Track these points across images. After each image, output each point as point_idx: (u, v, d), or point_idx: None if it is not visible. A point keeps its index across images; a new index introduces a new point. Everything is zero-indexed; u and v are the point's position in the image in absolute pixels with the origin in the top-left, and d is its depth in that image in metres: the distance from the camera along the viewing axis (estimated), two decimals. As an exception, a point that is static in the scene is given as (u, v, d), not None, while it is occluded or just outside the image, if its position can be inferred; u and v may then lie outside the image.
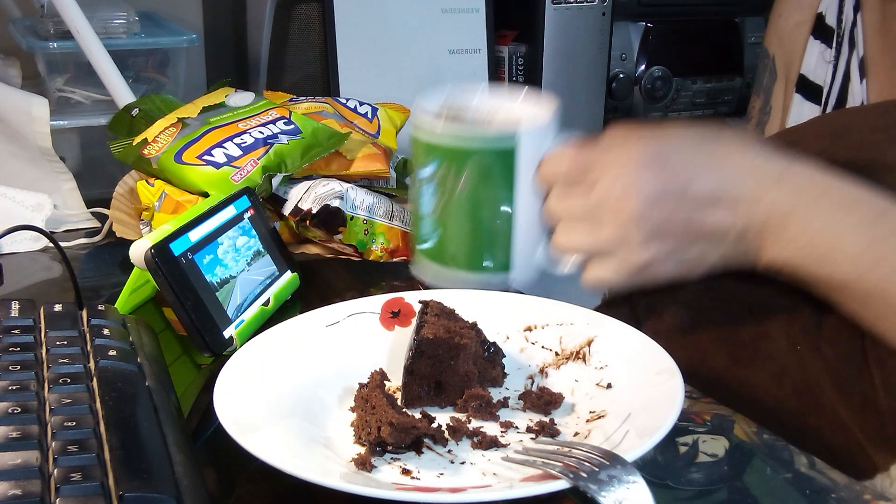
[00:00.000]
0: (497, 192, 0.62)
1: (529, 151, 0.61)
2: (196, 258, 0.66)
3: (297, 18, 1.27)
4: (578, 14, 1.39)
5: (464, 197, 0.62)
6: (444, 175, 0.62)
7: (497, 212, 0.62)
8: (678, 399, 0.51)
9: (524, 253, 0.64)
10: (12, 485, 0.41)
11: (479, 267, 0.64)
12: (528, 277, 0.65)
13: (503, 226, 0.63)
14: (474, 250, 0.64)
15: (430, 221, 0.64)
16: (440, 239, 0.64)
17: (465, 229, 0.63)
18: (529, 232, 0.63)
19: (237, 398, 0.53)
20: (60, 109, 1.08)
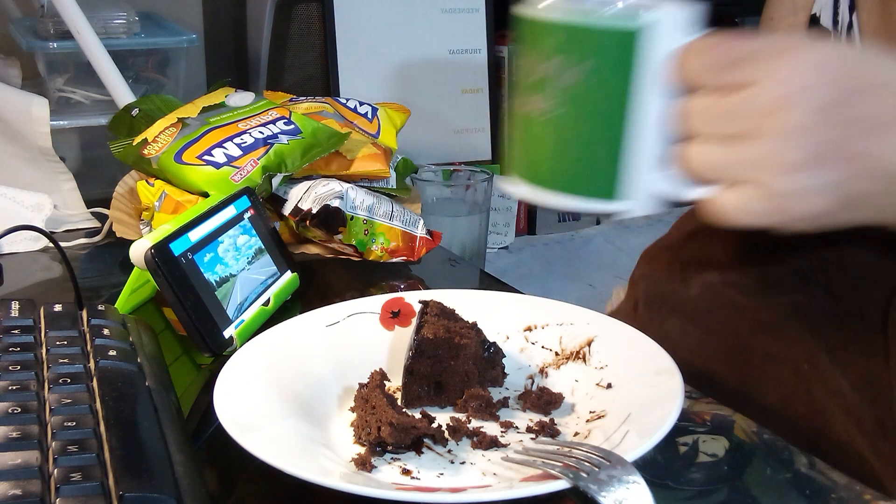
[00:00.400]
0: (614, 91, 0.50)
1: (663, 36, 0.49)
2: (196, 258, 0.66)
3: (297, 18, 1.27)
4: (578, 14, 1.39)
5: (570, 97, 0.51)
6: (550, 67, 0.51)
7: (612, 118, 0.51)
8: (678, 399, 0.51)
9: (643, 174, 0.52)
10: (12, 485, 0.41)
11: (583, 190, 0.53)
12: (643, 207, 0.53)
13: (618, 137, 0.51)
14: (579, 168, 0.52)
15: (525, 129, 0.53)
16: (538, 152, 0.53)
17: (569, 140, 0.52)
18: (652, 146, 0.51)
19: (237, 398, 0.53)
20: (60, 109, 1.08)
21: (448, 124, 1.39)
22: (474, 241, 1.15)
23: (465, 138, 1.41)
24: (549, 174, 0.53)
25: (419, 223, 0.86)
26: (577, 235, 1.48)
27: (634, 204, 0.52)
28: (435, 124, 1.37)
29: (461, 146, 1.40)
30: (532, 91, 0.52)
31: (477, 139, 1.41)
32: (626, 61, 0.49)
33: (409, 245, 0.85)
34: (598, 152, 0.51)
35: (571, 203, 0.53)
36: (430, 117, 1.36)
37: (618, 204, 0.52)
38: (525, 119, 0.53)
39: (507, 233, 1.43)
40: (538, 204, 0.55)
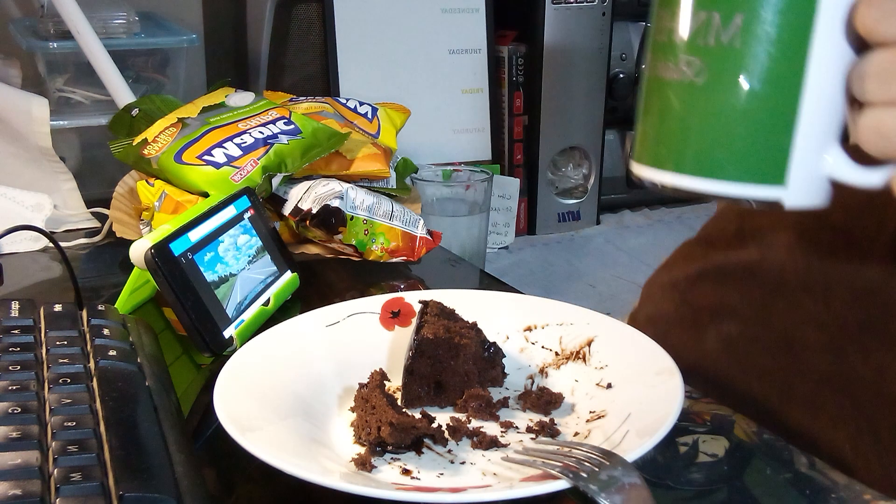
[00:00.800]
0: (787, 45, 0.42)
1: None
2: (196, 258, 0.66)
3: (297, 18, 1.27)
4: (578, 14, 1.39)
5: (729, 56, 0.42)
6: (702, 19, 0.43)
7: (782, 80, 0.42)
8: (678, 399, 0.51)
9: (815, 153, 0.43)
10: (12, 485, 0.41)
11: (741, 173, 0.44)
12: (813, 194, 0.44)
13: (789, 105, 0.42)
14: (737, 146, 0.43)
15: (663, 101, 0.45)
16: (681, 128, 0.45)
17: (724, 112, 0.43)
18: (826, 117, 0.43)
19: (237, 398, 0.53)
20: (60, 109, 1.08)
21: (448, 124, 1.39)
22: (474, 241, 1.15)
23: (465, 138, 1.41)
24: (696, 155, 0.44)
25: (419, 223, 0.86)
26: (577, 235, 1.48)
27: (801, 190, 0.44)
28: (435, 124, 1.37)
29: (461, 146, 1.40)
30: (678, 52, 0.44)
31: (477, 139, 1.41)
32: (805, 7, 0.41)
33: (409, 245, 0.85)
34: (763, 125, 0.43)
35: (725, 189, 0.44)
36: (430, 117, 1.36)
37: (783, 190, 0.43)
38: (664, 88, 0.45)
39: (507, 233, 1.43)
40: (683, 193, 0.45)
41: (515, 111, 1.44)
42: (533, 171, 1.45)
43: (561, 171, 1.47)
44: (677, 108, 0.44)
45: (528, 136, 1.45)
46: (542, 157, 1.44)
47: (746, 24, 0.42)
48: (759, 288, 0.69)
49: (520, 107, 1.44)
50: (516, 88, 1.43)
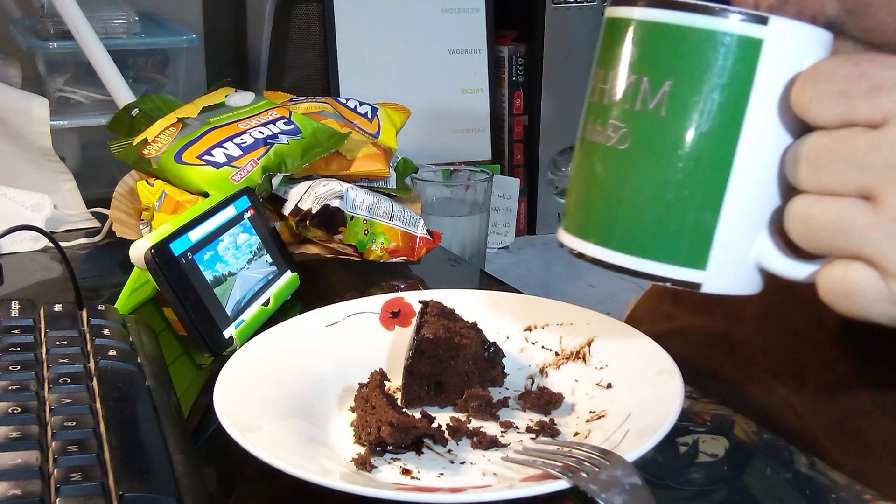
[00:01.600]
0: (721, 117, 0.39)
1: (783, 52, 0.38)
2: (196, 258, 0.66)
3: (297, 18, 1.27)
4: (578, 14, 1.39)
5: (659, 123, 0.39)
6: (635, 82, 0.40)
7: (713, 154, 0.39)
8: (678, 399, 0.51)
9: (742, 238, 0.40)
10: (12, 485, 0.41)
11: (661, 253, 0.41)
12: (737, 282, 0.42)
13: (718, 183, 0.39)
14: (661, 222, 0.40)
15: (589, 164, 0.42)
16: (605, 197, 0.42)
17: (649, 181, 0.40)
18: (756, 200, 0.40)
19: (237, 398, 0.53)
20: (60, 109, 1.08)
21: (448, 124, 1.39)
22: (474, 241, 1.15)
23: (465, 138, 1.40)
24: (613, 228, 0.41)
25: (419, 223, 0.86)
26: (577, 235, 1.48)
27: (723, 276, 0.41)
28: (435, 124, 1.37)
29: (461, 146, 1.40)
30: (605, 115, 0.41)
31: (477, 139, 1.41)
32: (741, 80, 0.38)
33: (409, 245, 0.85)
34: (684, 203, 0.40)
35: (641, 267, 0.41)
36: (430, 117, 1.36)
37: (703, 274, 0.41)
38: (590, 151, 0.42)
39: (507, 233, 1.42)
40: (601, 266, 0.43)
41: (515, 111, 1.44)
42: (533, 171, 1.44)
43: (561, 171, 1.47)
44: (599, 174, 0.42)
45: (528, 136, 1.45)
46: (542, 157, 1.43)
47: (675, 92, 0.39)
48: (728, 362, 0.67)
49: (520, 107, 1.44)
50: (516, 88, 1.43)
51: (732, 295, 0.42)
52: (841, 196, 0.36)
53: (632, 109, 0.40)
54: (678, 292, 0.73)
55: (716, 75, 0.39)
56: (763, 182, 0.40)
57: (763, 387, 0.64)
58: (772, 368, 0.64)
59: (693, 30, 0.39)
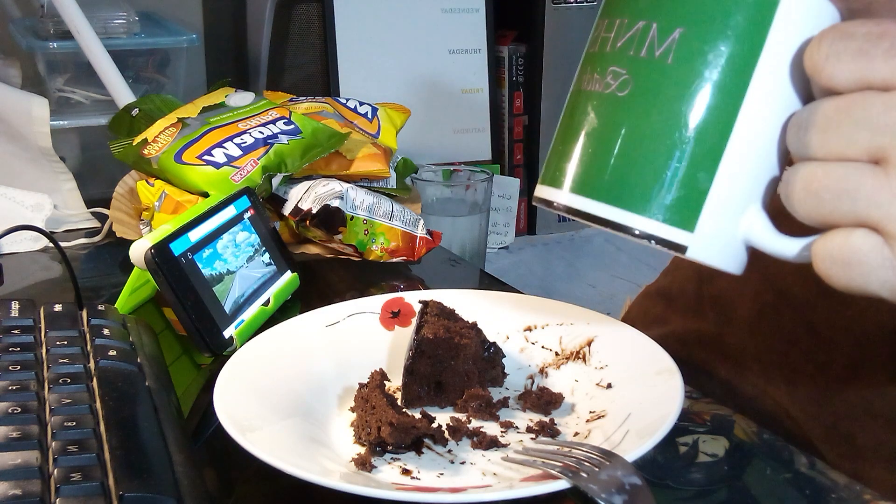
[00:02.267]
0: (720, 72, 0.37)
1: (798, 15, 0.37)
2: (196, 258, 0.66)
3: (297, 18, 1.27)
4: (578, 14, 1.39)
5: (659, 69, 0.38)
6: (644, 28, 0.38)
7: (706, 109, 0.37)
8: (678, 399, 0.51)
9: (728, 204, 0.39)
10: (12, 485, 0.41)
11: (648, 207, 0.39)
12: (716, 251, 0.39)
13: (718, 140, 0.37)
14: (651, 174, 0.38)
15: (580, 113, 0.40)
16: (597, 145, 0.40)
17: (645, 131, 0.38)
18: (749, 165, 0.38)
19: (237, 398, 0.53)
20: (60, 109, 1.08)
21: (448, 124, 1.39)
22: (474, 241, 1.15)
23: (465, 138, 1.40)
24: (602, 176, 0.39)
25: (419, 223, 0.86)
26: (577, 235, 1.48)
27: (709, 243, 0.39)
28: (435, 124, 1.37)
29: (461, 146, 1.40)
30: (603, 62, 0.39)
31: (477, 139, 1.41)
32: (753, 36, 0.37)
33: (409, 245, 0.85)
34: (680, 156, 0.38)
35: (625, 220, 0.39)
36: (430, 117, 1.36)
37: (689, 237, 0.39)
38: (584, 100, 0.40)
39: (507, 233, 1.42)
40: (581, 219, 0.41)
41: (515, 111, 1.44)
42: (533, 171, 1.45)
43: (561, 171, 1.47)
44: (592, 122, 0.40)
45: (528, 136, 1.45)
46: (542, 157, 1.43)
47: (684, 40, 0.37)
48: (721, 364, 0.67)
49: (520, 107, 1.44)
50: (516, 88, 1.43)
51: (715, 266, 0.40)
52: (849, 160, 0.35)
53: (637, 56, 0.38)
54: (671, 294, 0.73)
55: (729, 27, 0.37)
56: (762, 148, 0.38)
57: (756, 389, 0.64)
58: (764, 372, 0.64)
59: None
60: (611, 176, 0.39)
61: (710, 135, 0.38)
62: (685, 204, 0.38)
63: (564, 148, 0.41)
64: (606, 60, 0.39)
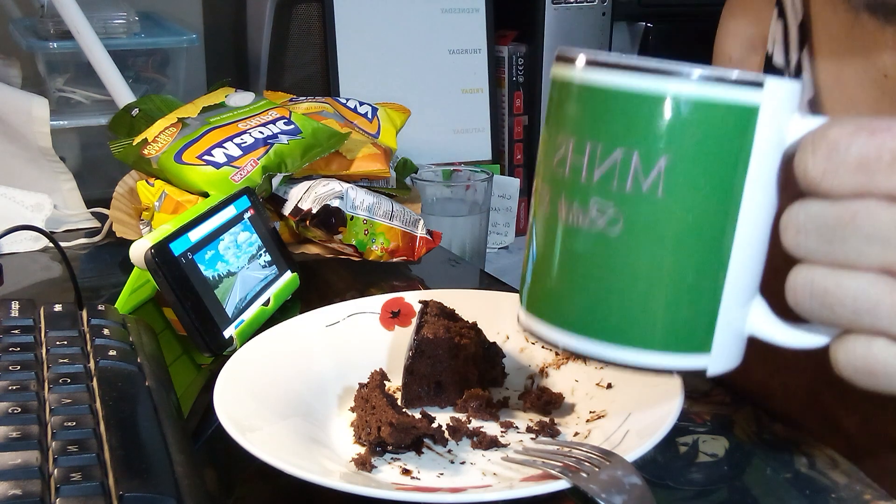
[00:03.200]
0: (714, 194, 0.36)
1: (775, 114, 0.36)
2: (196, 258, 0.66)
3: (297, 18, 1.27)
4: (578, 14, 1.39)
5: (652, 204, 0.36)
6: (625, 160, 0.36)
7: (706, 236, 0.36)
8: (678, 399, 0.51)
9: (735, 314, 0.38)
10: (12, 485, 0.41)
11: (657, 341, 0.38)
12: (732, 358, 0.39)
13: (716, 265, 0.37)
14: (653, 310, 0.37)
15: (564, 248, 0.38)
16: (582, 283, 0.38)
17: (637, 268, 0.37)
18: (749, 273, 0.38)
19: (237, 398, 0.53)
20: (60, 109, 1.08)
21: (448, 124, 1.39)
22: (474, 241, 1.15)
23: (465, 138, 1.40)
24: (606, 319, 0.38)
25: (419, 223, 0.86)
26: (577, 235, 1.48)
27: (725, 355, 0.38)
28: (435, 124, 1.37)
29: (461, 146, 1.40)
30: (582, 193, 0.37)
31: (477, 139, 1.41)
32: (742, 150, 0.35)
33: (409, 245, 0.85)
34: (688, 288, 0.37)
35: (639, 359, 0.38)
36: (430, 117, 1.36)
37: (708, 358, 0.38)
38: (568, 234, 0.38)
39: (507, 233, 1.42)
40: (588, 358, 0.39)
41: (515, 111, 1.44)
42: (533, 171, 1.44)
43: (561, 171, 1.47)
44: (586, 263, 0.37)
45: (528, 136, 1.45)
46: (542, 157, 1.43)
47: (671, 170, 0.35)
48: None
49: (520, 107, 1.44)
50: (516, 88, 1.43)
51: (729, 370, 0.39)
52: (850, 264, 0.35)
53: (622, 191, 0.36)
54: None
55: (715, 148, 0.35)
56: (758, 252, 0.38)
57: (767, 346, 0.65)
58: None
59: (691, 99, 0.35)
60: (619, 318, 0.38)
61: (713, 261, 0.37)
62: (699, 331, 0.38)
63: (558, 284, 0.39)
64: (587, 192, 0.37)
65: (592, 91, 0.36)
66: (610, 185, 0.36)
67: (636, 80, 0.35)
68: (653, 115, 0.35)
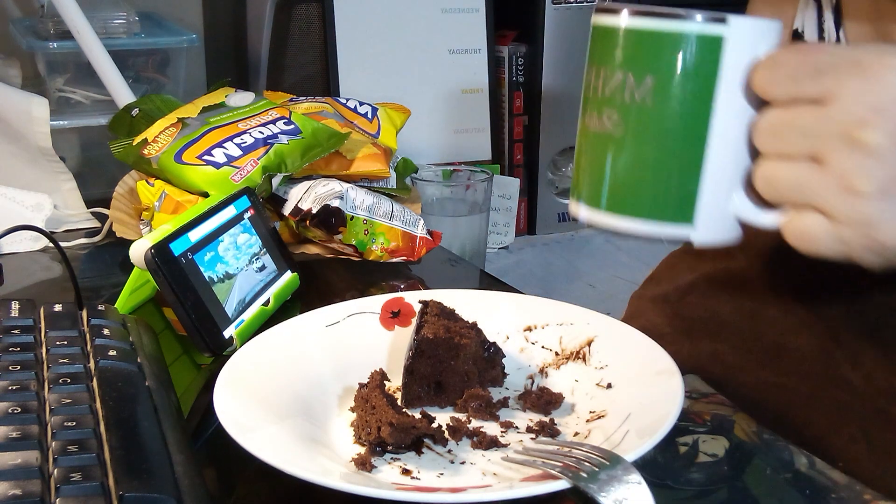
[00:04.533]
0: (693, 104, 0.47)
1: (742, 44, 0.46)
2: (196, 258, 0.66)
3: (297, 18, 1.27)
4: (578, 14, 1.39)
5: (644, 112, 0.48)
6: (621, 80, 0.48)
7: (689, 134, 0.48)
8: (678, 399, 0.51)
9: (719, 196, 0.49)
10: (12, 485, 0.41)
11: (654, 213, 0.49)
12: (717, 232, 0.50)
13: (695, 155, 0.48)
14: (651, 190, 0.49)
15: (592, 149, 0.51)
16: (604, 172, 0.50)
17: (641, 159, 0.49)
18: (727, 165, 0.48)
19: (237, 398, 0.53)
20: (60, 109, 1.08)
21: (448, 124, 1.39)
22: (474, 241, 1.15)
23: (465, 138, 1.40)
24: (616, 197, 0.50)
25: (419, 223, 0.86)
26: (576, 235, 1.48)
27: (708, 228, 0.49)
28: (435, 124, 1.37)
29: (461, 146, 1.40)
30: (601, 106, 0.49)
31: (477, 139, 1.41)
32: (709, 71, 0.46)
33: (409, 245, 0.85)
34: (672, 174, 0.48)
35: (638, 228, 0.49)
36: (430, 117, 1.36)
37: (690, 229, 0.49)
38: (589, 137, 0.50)
39: (507, 233, 1.42)
40: (605, 229, 0.51)
41: (515, 111, 1.44)
42: (533, 171, 1.44)
43: (561, 171, 1.47)
44: (600, 156, 0.50)
45: (528, 136, 1.45)
46: (542, 157, 1.43)
47: (657, 85, 0.47)
48: (748, 297, 0.69)
49: (520, 107, 1.44)
50: (516, 88, 1.43)
51: (718, 244, 0.50)
52: (796, 160, 0.45)
53: (622, 101, 0.48)
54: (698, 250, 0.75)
55: (688, 68, 0.47)
56: (735, 150, 0.48)
57: (781, 309, 0.68)
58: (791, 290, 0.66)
59: (666, 33, 0.47)
60: (623, 196, 0.50)
61: (691, 153, 0.48)
62: (683, 207, 0.49)
63: (586, 174, 0.52)
64: (601, 105, 0.49)
65: (598, 30, 0.49)
66: (615, 98, 0.48)
67: (626, 20, 0.48)
68: (639, 45, 0.48)
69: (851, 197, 0.43)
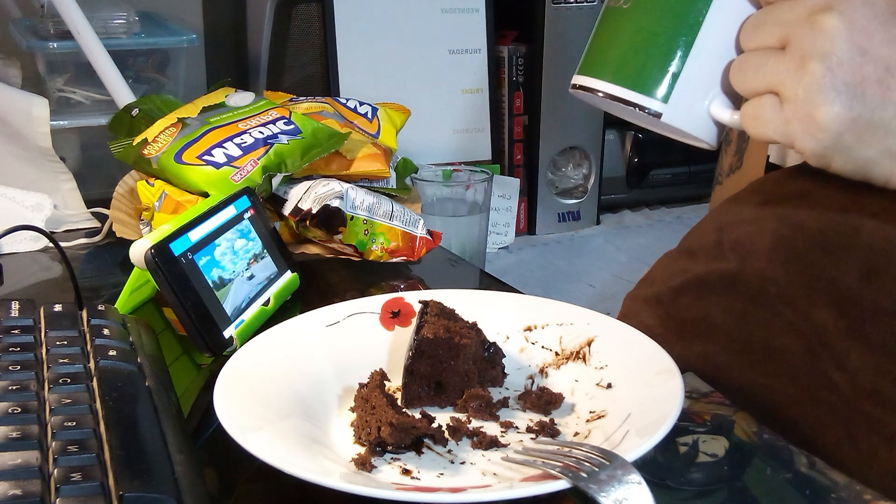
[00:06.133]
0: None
1: None
2: (196, 258, 0.66)
3: (297, 18, 1.27)
4: (578, 14, 1.39)
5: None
6: None
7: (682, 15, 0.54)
8: (678, 399, 0.51)
9: (695, 85, 0.55)
10: (12, 485, 0.41)
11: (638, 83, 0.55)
12: (684, 119, 0.55)
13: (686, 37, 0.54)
14: (641, 60, 0.55)
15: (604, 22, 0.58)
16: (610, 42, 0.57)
17: (639, 32, 0.56)
18: (711, 58, 0.55)
19: (237, 398, 0.53)
20: (60, 109, 1.08)
21: (448, 124, 1.39)
22: (474, 241, 1.15)
23: (465, 138, 1.40)
24: (612, 64, 0.56)
25: (419, 223, 0.86)
26: (577, 235, 1.48)
27: (678, 112, 0.55)
28: (435, 124, 1.37)
29: (461, 146, 1.40)
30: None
31: (477, 139, 1.41)
32: None
33: (409, 245, 0.85)
34: (664, 48, 0.54)
35: (621, 93, 0.55)
36: (430, 117, 1.36)
37: (664, 106, 0.55)
38: (605, 13, 0.58)
39: (507, 233, 1.43)
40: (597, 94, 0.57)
41: (515, 111, 1.44)
42: (533, 171, 1.44)
43: (561, 171, 1.47)
44: (609, 29, 0.58)
45: (528, 136, 1.45)
46: (542, 157, 1.43)
47: None
48: (739, 299, 0.69)
49: (520, 107, 1.44)
50: (516, 88, 1.43)
51: (681, 133, 0.56)
52: (767, 48, 0.50)
53: None
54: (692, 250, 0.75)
55: None
56: (722, 45, 0.54)
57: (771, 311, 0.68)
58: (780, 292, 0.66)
59: None
60: (618, 64, 0.56)
61: (682, 34, 0.54)
62: (662, 82, 0.55)
63: (592, 45, 0.59)
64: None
65: None
66: None
67: None
68: None
69: (801, 73, 0.47)
